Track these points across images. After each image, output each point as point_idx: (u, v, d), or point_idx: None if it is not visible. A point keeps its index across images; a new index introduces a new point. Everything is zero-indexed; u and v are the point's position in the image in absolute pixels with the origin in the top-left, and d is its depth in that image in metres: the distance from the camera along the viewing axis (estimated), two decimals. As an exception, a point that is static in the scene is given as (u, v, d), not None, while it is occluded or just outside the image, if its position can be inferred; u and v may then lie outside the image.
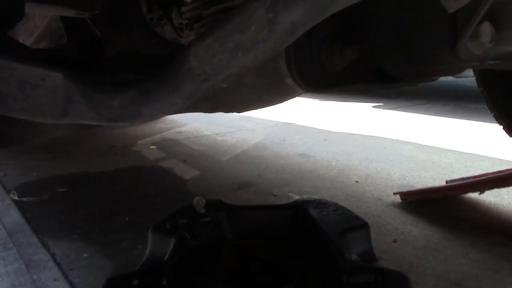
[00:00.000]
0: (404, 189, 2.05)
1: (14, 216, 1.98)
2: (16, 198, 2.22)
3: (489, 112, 1.93)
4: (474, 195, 1.90)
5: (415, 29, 0.99)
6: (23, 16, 0.99)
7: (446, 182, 2.05)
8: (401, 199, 1.96)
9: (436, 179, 2.22)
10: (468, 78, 3.18)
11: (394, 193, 2.01)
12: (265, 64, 1.13)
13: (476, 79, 1.91)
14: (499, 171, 1.87)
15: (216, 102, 1.28)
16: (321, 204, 1.27)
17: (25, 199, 2.21)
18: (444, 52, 0.94)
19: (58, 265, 1.53)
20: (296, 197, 1.49)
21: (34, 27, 1.46)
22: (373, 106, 4.59)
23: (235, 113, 1.55)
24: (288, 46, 0.83)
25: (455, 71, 1.14)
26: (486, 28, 0.86)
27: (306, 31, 0.76)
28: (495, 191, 1.89)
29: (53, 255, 1.60)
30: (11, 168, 2.77)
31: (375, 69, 1.16)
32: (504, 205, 1.86)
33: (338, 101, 5.00)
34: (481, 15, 0.85)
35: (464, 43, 0.89)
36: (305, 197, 1.39)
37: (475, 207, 1.86)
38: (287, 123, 3.92)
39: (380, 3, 1.06)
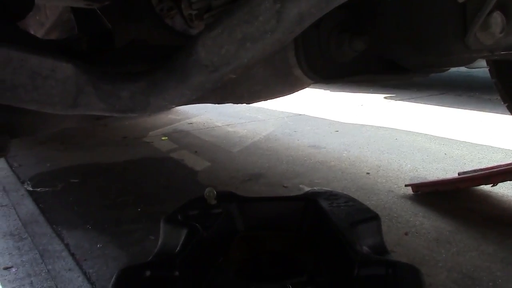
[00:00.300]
0: (415, 181, 2.04)
1: (28, 207, 2.01)
2: (30, 188, 2.25)
3: (502, 103, 1.90)
4: (486, 187, 1.89)
5: (424, 19, 0.98)
6: (33, 7, 1.00)
7: (459, 174, 2.03)
8: (412, 191, 1.95)
9: (448, 171, 2.20)
10: (481, 68, 3.14)
11: (406, 185, 2.00)
12: (274, 55, 1.13)
13: (489, 70, 1.89)
14: (512, 163, 1.86)
15: (225, 93, 1.28)
16: (332, 195, 1.27)
17: (39, 189, 2.24)
18: (454, 43, 0.93)
19: (72, 255, 1.55)
20: (307, 189, 1.50)
21: (45, 18, 1.46)
22: (385, 97, 4.55)
23: (246, 104, 1.55)
24: (297, 37, 0.82)
25: (465, 62, 1.13)
26: (497, 18, 0.84)
27: (314, 22, 0.75)
28: (508, 183, 1.87)
29: (67, 245, 1.62)
30: (25, 158, 2.80)
31: (385, 59, 1.15)
32: (517, 197, 1.84)
33: (350, 92, 4.97)
34: (491, 4, 0.83)
35: (474, 33, 0.87)
36: (316, 188, 1.39)
37: (487, 199, 1.85)
38: (298, 114, 3.91)
39: None
